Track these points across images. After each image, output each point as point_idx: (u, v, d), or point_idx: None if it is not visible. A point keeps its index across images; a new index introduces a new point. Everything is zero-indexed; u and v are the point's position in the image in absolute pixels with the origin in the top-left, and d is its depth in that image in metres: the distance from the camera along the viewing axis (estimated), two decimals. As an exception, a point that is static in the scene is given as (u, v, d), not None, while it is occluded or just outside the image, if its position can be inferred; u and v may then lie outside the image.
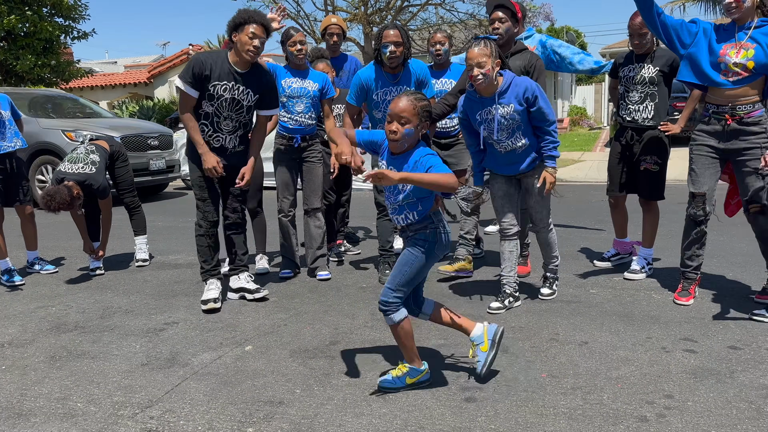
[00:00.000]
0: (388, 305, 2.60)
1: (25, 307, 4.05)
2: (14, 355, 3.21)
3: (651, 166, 4.17)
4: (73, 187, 4.47)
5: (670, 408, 2.43)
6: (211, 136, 3.82)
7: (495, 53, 3.34)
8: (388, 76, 4.19)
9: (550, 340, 3.16)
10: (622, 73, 4.24)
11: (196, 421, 2.45)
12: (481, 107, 3.50)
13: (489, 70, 3.32)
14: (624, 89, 4.23)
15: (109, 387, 2.79)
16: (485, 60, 3.30)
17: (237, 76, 3.73)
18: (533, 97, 3.39)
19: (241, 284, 4.04)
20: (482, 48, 3.31)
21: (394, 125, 2.53)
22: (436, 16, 16.85)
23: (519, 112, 3.42)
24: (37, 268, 4.94)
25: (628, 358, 2.91)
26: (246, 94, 3.78)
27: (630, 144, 4.24)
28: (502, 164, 3.64)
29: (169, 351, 3.19)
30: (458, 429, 2.33)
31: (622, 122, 4.28)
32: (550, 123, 3.47)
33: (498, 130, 3.49)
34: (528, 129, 3.51)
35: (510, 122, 3.46)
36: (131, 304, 4.03)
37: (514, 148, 3.54)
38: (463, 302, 3.84)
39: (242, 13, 3.66)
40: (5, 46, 14.75)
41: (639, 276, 4.20)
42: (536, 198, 3.64)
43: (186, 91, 3.67)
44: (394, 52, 4.03)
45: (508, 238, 3.71)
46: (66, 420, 2.49)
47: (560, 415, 2.41)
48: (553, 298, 3.83)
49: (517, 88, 3.40)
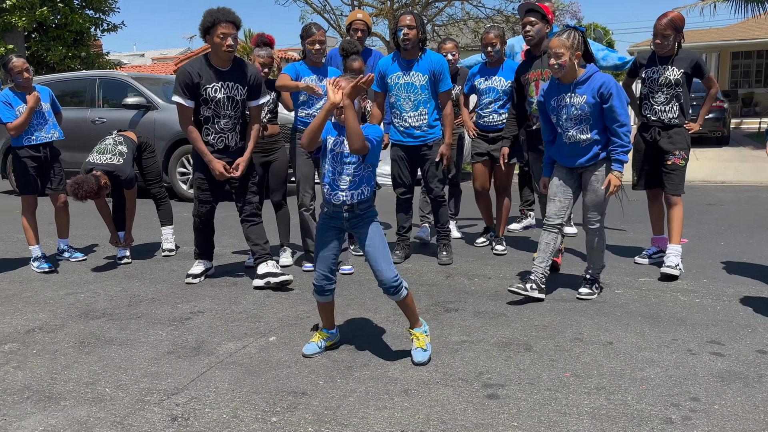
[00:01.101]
0: (397, 278, 2.78)
1: (55, 293, 4.14)
2: (44, 340, 3.28)
3: (679, 160, 4.21)
4: (100, 177, 4.56)
5: (695, 411, 2.40)
6: (215, 139, 4.03)
7: (577, 45, 3.47)
8: (403, 62, 4.45)
9: (575, 340, 3.14)
10: (645, 74, 4.30)
11: (221, 409, 2.49)
12: (557, 93, 3.63)
13: (565, 62, 3.46)
14: (648, 90, 4.29)
15: (136, 373, 2.84)
16: (563, 51, 3.44)
17: (222, 74, 3.95)
18: (608, 93, 3.47)
19: (268, 269, 4.12)
20: (563, 39, 3.45)
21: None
22: (462, 11, 16.76)
23: (590, 105, 3.51)
24: (66, 255, 5.04)
25: (654, 359, 2.89)
26: (236, 89, 4.01)
27: (656, 140, 4.27)
28: (564, 155, 3.72)
29: (195, 339, 3.24)
30: (480, 425, 2.33)
31: (646, 121, 4.32)
32: (621, 125, 3.51)
33: (567, 118, 3.59)
34: (596, 125, 3.57)
35: (579, 113, 3.54)
36: (157, 292, 4.10)
37: (578, 140, 3.61)
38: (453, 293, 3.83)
39: (208, 16, 3.84)
40: (37, 37, 15.04)
41: (675, 272, 4.15)
42: (591, 196, 3.67)
43: (183, 103, 3.92)
44: (407, 34, 4.30)
45: (549, 230, 3.77)
46: (95, 404, 2.55)
47: (584, 414, 2.39)
48: (580, 299, 3.79)
49: (594, 81, 3.51)
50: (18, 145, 4.66)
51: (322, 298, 2.96)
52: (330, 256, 2.89)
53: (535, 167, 4.57)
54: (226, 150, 4.09)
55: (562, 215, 3.78)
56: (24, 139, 4.65)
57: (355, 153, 2.71)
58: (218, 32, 3.81)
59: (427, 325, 3.03)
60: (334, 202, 2.82)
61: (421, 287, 4.09)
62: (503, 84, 4.79)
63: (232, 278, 4.39)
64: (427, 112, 4.46)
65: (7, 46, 13.53)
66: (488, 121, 4.88)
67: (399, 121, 4.53)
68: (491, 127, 4.88)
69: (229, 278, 4.40)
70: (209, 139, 4.01)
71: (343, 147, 2.80)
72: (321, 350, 3.02)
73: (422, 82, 4.42)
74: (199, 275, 4.32)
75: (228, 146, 4.09)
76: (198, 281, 4.30)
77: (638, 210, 6.83)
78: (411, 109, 4.46)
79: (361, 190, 2.80)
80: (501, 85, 4.79)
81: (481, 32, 16.40)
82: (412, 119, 4.47)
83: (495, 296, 3.86)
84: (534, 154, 4.55)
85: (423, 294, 3.94)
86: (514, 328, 3.30)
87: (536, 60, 4.39)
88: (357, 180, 2.79)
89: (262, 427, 2.35)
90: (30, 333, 3.39)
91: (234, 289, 4.12)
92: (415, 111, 4.46)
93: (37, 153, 4.73)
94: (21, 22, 13.70)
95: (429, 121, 4.48)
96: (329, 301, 2.99)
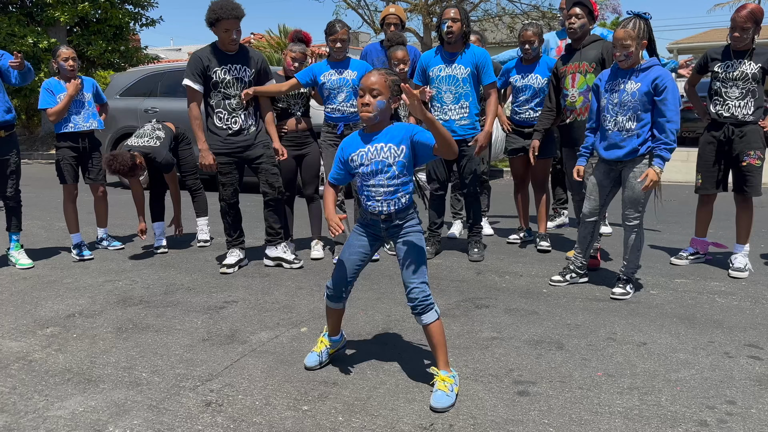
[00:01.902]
0: (428, 298, 2.51)
1: (94, 280, 4.25)
2: (84, 325, 3.38)
3: (755, 160, 4.10)
4: (136, 156, 4.72)
5: (732, 414, 2.36)
6: (229, 120, 4.23)
7: (642, 34, 3.48)
8: (446, 54, 4.47)
9: (608, 339, 3.10)
10: (718, 69, 4.16)
11: (253, 396, 2.53)
12: (613, 78, 3.65)
13: (632, 52, 3.48)
14: (720, 85, 4.16)
15: (172, 359, 2.90)
16: (630, 42, 3.46)
17: (228, 58, 4.19)
18: (663, 86, 3.46)
19: (278, 254, 4.46)
20: (629, 30, 3.46)
21: (367, 98, 2.47)
22: (498, 7, 16.62)
23: (643, 95, 3.51)
24: (105, 244, 5.17)
25: (689, 361, 2.84)
26: (243, 71, 4.23)
27: (729, 139, 4.15)
28: (605, 146, 3.71)
29: (229, 328, 3.30)
30: (510, 421, 2.33)
31: (717, 119, 4.18)
32: (669, 121, 3.48)
33: (618, 102, 3.60)
34: (644, 117, 3.55)
35: (631, 100, 3.54)
36: (193, 282, 4.18)
37: (623, 128, 3.60)
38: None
39: (212, 12, 4.03)
40: (78, 32, 15.39)
41: (744, 274, 4.11)
42: (629, 193, 3.65)
43: (193, 86, 4.16)
44: (450, 27, 4.34)
45: (585, 225, 3.88)
46: (132, 388, 2.61)
47: (616, 414, 2.37)
48: (614, 298, 3.74)
49: (652, 72, 3.51)
50: (58, 131, 4.79)
51: (333, 304, 2.73)
52: (353, 261, 2.65)
53: (569, 163, 4.51)
54: (240, 132, 4.26)
55: (596, 213, 3.82)
56: (63, 126, 4.78)
57: (448, 158, 2.46)
58: (222, 28, 4.05)
59: (458, 376, 2.62)
60: (370, 211, 2.60)
61: (451, 283, 4.09)
62: (540, 81, 4.75)
63: (265, 269, 4.45)
64: (468, 106, 4.46)
65: (50, 40, 13.88)
66: (525, 118, 4.86)
67: (439, 114, 4.52)
68: (527, 122, 4.86)
69: (262, 269, 4.46)
70: (223, 122, 4.23)
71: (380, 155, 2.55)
72: (323, 360, 2.80)
73: (464, 74, 4.41)
74: (233, 265, 4.41)
75: (242, 128, 4.26)
76: (232, 271, 4.38)
77: (673, 210, 6.71)
78: (452, 101, 4.45)
79: (397, 198, 2.54)
80: (538, 82, 4.76)
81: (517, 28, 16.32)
82: (453, 112, 4.47)
83: (526, 294, 3.84)
84: (568, 150, 4.49)
85: (453, 290, 3.94)
86: (546, 326, 3.28)
87: (575, 53, 4.34)
88: (392, 189, 2.54)
89: (293, 414, 2.38)
90: (70, 318, 3.49)
91: (267, 280, 4.18)
92: (456, 104, 4.45)
93: (76, 143, 4.85)
94: (63, 17, 14.03)
95: (470, 115, 4.47)
96: (340, 308, 2.77)
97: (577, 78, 4.29)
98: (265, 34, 21.16)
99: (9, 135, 4.44)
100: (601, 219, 3.90)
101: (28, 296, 3.90)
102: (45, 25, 14.59)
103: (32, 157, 14.41)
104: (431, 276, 4.25)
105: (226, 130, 4.24)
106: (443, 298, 3.77)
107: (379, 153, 2.53)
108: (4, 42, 13.53)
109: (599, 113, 3.79)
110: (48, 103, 4.72)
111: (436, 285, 4.03)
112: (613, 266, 4.42)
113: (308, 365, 2.78)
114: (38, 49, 13.64)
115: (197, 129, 4.18)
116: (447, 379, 2.49)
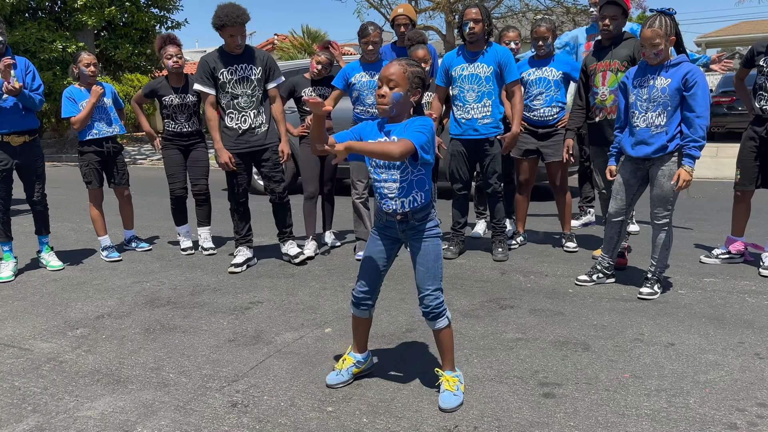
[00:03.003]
0: (442, 305, 2.47)
1: (122, 281, 4.33)
2: (113, 326, 3.44)
3: None
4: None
5: (763, 417, 2.31)
6: (239, 119, 4.32)
7: (670, 30, 3.45)
8: (468, 54, 4.46)
9: (635, 340, 3.06)
10: (763, 62, 4.08)
11: (279, 397, 2.55)
12: (642, 74, 3.62)
13: (661, 50, 3.46)
14: (765, 79, 4.08)
15: (199, 360, 2.94)
16: (659, 41, 3.44)
17: (234, 58, 4.28)
18: (693, 81, 3.43)
19: (284, 250, 4.66)
20: (656, 29, 3.43)
21: (383, 89, 2.38)
22: (521, 3, 16.49)
23: (674, 90, 3.48)
24: (132, 245, 5.25)
25: (718, 362, 2.79)
26: (249, 69, 4.30)
27: None
28: (632, 143, 3.68)
29: (254, 329, 3.33)
30: (535, 423, 2.31)
31: (762, 114, 4.11)
32: (699, 117, 3.44)
33: (647, 98, 3.57)
34: (673, 114, 3.52)
35: (661, 96, 3.51)
36: (219, 283, 4.23)
37: (650, 124, 3.57)
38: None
39: (216, 18, 4.15)
40: (105, 35, 15.67)
41: None
42: (658, 191, 3.61)
43: (204, 89, 4.28)
44: (473, 28, 4.32)
45: (611, 225, 3.87)
46: (159, 389, 2.66)
47: (643, 416, 2.34)
48: (641, 298, 3.69)
49: (682, 68, 3.48)
50: (82, 138, 4.88)
51: (358, 311, 2.61)
52: (375, 267, 2.55)
53: (597, 161, 4.44)
54: (251, 131, 4.34)
55: (623, 213, 3.79)
56: (87, 133, 4.86)
57: (399, 161, 2.34)
58: (227, 33, 4.16)
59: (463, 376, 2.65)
60: (385, 210, 2.49)
61: (475, 283, 4.07)
62: (554, 74, 4.63)
63: (290, 270, 4.48)
64: (491, 104, 4.42)
65: (78, 44, 14.15)
66: (539, 116, 4.70)
67: (461, 114, 4.49)
68: (542, 122, 4.71)
69: (287, 270, 4.49)
70: (234, 122, 4.32)
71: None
72: (346, 380, 2.64)
73: (487, 73, 4.38)
74: (241, 264, 4.48)
75: (252, 127, 4.34)
76: (240, 270, 4.46)
77: (703, 207, 6.59)
78: (474, 100, 4.43)
79: (412, 197, 2.42)
80: (552, 75, 4.63)
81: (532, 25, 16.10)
82: (476, 111, 4.44)
83: (552, 294, 3.81)
84: (595, 148, 4.43)
85: (477, 290, 3.92)
86: (572, 327, 3.25)
87: (606, 50, 4.27)
88: (405, 186, 2.41)
89: (318, 416, 2.40)
90: (99, 319, 3.56)
91: (291, 281, 4.21)
92: (478, 102, 4.42)
93: (100, 148, 4.93)
94: (91, 21, 14.29)
95: (493, 113, 4.44)
96: (366, 317, 2.64)
97: (608, 76, 4.22)
98: (288, 35, 21.29)
99: (33, 140, 4.51)
100: (627, 218, 3.85)
101: (59, 298, 3.98)
102: (73, 30, 14.88)
103: (61, 160, 14.72)
104: (455, 276, 4.24)
105: (237, 130, 4.33)
106: (467, 298, 3.76)
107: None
108: (33, 48, 13.82)
109: (627, 111, 3.74)
110: (71, 111, 4.80)
111: (460, 285, 4.02)
112: (641, 265, 4.36)
113: (329, 383, 2.64)
114: (67, 54, 13.91)
115: (213, 130, 4.32)
116: (452, 379, 2.50)
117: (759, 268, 4.14)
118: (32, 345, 3.19)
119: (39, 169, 4.57)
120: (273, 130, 4.46)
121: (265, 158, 4.43)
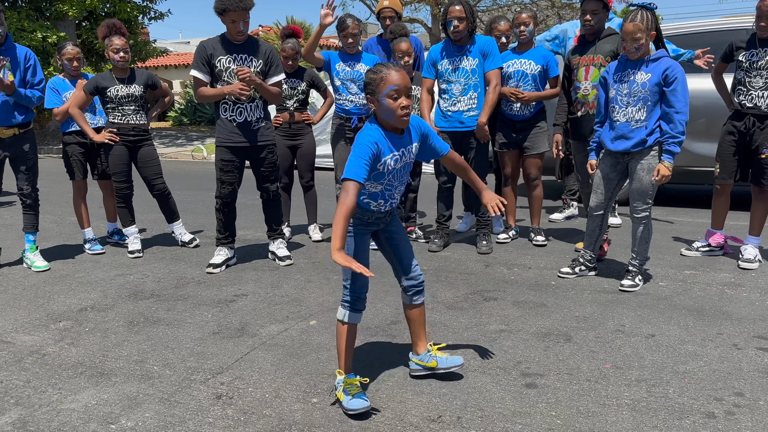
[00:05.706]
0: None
1: (106, 274, 4.30)
2: (96, 319, 3.42)
3: None
4: None
5: (739, 406, 2.36)
6: (234, 111, 4.17)
7: (650, 25, 3.49)
8: (454, 48, 4.47)
9: (616, 332, 3.11)
10: (743, 57, 4.13)
11: (263, 389, 2.56)
12: (622, 69, 3.66)
13: (642, 44, 3.49)
14: (744, 74, 4.14)
15: (183, 353, 2.94)
16: (640, 35, 3.47)
17: (235, 47, 4.13)
18: (672, 77, 3.47)
19: (273, 249, 4.55)
20: (637, 23, 3.46)
21: (405, 99, 2.27)
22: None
23: (654, 85, 3.51)
24: (116, 238, 5.22)
25: (697, 353, 2.84)
26: (249, 61, 4.15)
27: (749, 131, 4.13)
28: (612, 137, 3.72)
29: (239, 321, 3.33)
30: (518, 413, 2.34)
31: (740, 109, 4.16)
32: (678, 112, 3.48)
33: (627, 92, 3.60)
34: (653, 109, 3.56)
35: (641, 90, 3.55)
36: (203, 275, 4.21)
37: (630, 119, 3.61)
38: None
39: (219, 3, 3.99)
40: (87, 26, 15.45)
41: (754, 265, 4.10)
42: (637, 185, 3.66)
43: (199, 76, 4.10)
44: (457, 26, 4.31)
45: (592, 218, 3.92)
46: (143, 381, 2.65)
47: (623, 406, 2.38)
48: (622, 290, 3.74)
49: (663, 63, 3.52)
50: (64, 130, 4.82)
51: (357, 315, 2.48)
52: (366, 265, 2.49)
53: (578, 157, 4.49)
54: (246, 125, 4.21)
55: (603, 207, 3.85)
56: (70, 125, 4.80)
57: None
58: (229, 18, 4.00)
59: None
60: (387, 210, 2.49)
61: (459, 276, 4.10)
62: (533, 68, 4.63)
63: (274, 263, 4.48)
64: (477, 97, 4.44)
65: (59, 34, 13.94)
66: (516, 111, 4.72)
67: (447, 106, 4.51)
68: (519, 116, 4.72)
69: (271, 263, 4.49)
70: (228, 113, 4.18)
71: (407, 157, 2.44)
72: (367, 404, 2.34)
73: (473, 65, 4.40)
74: (220, 265, 4.31)
75: (249, 121, 4.21)
76: (218, 271, 4.28)
77: (684, 201, 6.68)
78: (461, 93, 4.45)
79: (399, 193, 2.52)
80: (531, 68, 4.63)
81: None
82: (462, 103, 4.45)
83: (535, 286, 3.85)
84: (577, 142, 4.47)
85: (461, 283, 3.95)
86: (554, 319, 3.29)
87: (590, 45, 4.30)
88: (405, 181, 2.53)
89: (303, 407, 2.41)
90: (83, 312, 3.54)
91: (276, 274, 4.21)
92: (464, 95, 4.44)
93: (84, 139, 4.87)
94: (72, 11, 14.08)
95: (479, 106, 4.45)
96: (358, 322, 2.50)
97: (591, 71, 4.26)
98: (273, 27, 21.15)
99: (24, 132, 4.41)
100: (608, 212, 3.90)
101: (41, 290, 3.95)
102: (54, 20, 14.66)
103: (43, 152, 14.53)
104: (440, 269, 4.26)
105: (232, 122, 4.17)
106: (451, 290, 3.78)
107: (408, 154, 2.45)
108: (14, 37, 13.59)
109: (607, 105, 3.78)
110: (54, 102, 4.74)
111: (444, 278, 4.05)
112: (623, 258, 4.41)
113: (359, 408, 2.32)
114: (48, 44, 13.70)
115: (213, 91, 4.08)
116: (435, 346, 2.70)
117: (738, 260, 4.21)
118: (14, 338, 3.17)
119: (30, 161, 4.42)
120: (270, 129, 4.32)
121: (261, 157, 4.27)
